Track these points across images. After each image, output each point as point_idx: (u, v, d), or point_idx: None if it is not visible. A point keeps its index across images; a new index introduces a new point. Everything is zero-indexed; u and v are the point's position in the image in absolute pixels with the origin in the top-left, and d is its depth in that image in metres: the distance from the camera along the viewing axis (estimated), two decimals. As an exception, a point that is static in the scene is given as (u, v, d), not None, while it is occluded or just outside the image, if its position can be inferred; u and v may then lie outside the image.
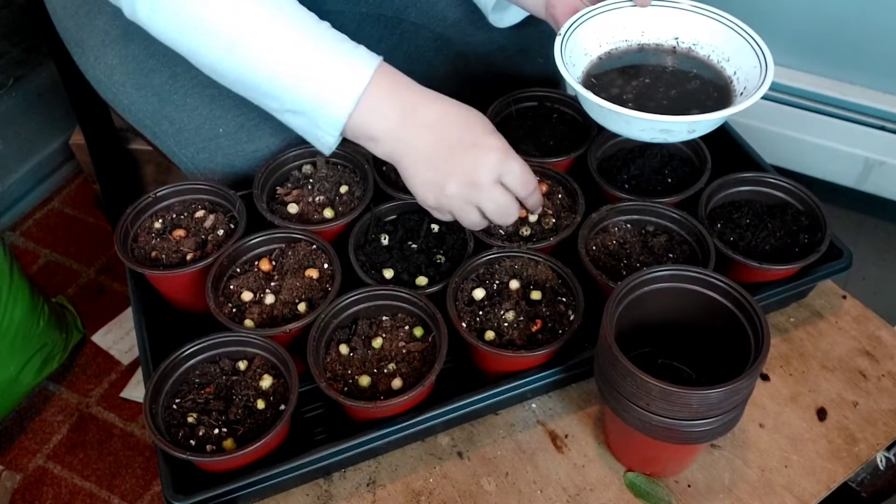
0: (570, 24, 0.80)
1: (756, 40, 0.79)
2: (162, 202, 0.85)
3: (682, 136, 0.77)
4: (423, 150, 0.71)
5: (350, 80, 0.69)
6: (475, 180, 0.71)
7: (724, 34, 0.82)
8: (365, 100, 0.70)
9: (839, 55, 1.43)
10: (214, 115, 0.87)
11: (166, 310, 0.83)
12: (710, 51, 0.83)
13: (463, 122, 0.72)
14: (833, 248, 0.81)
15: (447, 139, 0.71)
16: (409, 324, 0.75)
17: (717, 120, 0.74)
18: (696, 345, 0.71)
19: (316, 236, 0.80)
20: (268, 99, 0.73)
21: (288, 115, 0.73)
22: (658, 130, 0.75)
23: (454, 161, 0.71)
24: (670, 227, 0.82)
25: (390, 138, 0.72)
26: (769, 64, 0.77)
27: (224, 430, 0.69)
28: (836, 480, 0.72)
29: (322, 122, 0.71)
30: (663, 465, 0.72)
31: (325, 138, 0.73)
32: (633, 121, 0.74)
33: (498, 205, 0.73)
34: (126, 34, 0.88)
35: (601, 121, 0.79)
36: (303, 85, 0.70)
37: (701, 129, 0.76)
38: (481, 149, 0.71)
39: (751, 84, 0.78)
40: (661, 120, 0.73)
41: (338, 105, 0.70)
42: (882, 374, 0.79)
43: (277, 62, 0.69)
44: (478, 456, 0.74)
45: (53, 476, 1.29)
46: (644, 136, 0.77)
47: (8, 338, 1.23)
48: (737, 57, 0.81)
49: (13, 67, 1.70)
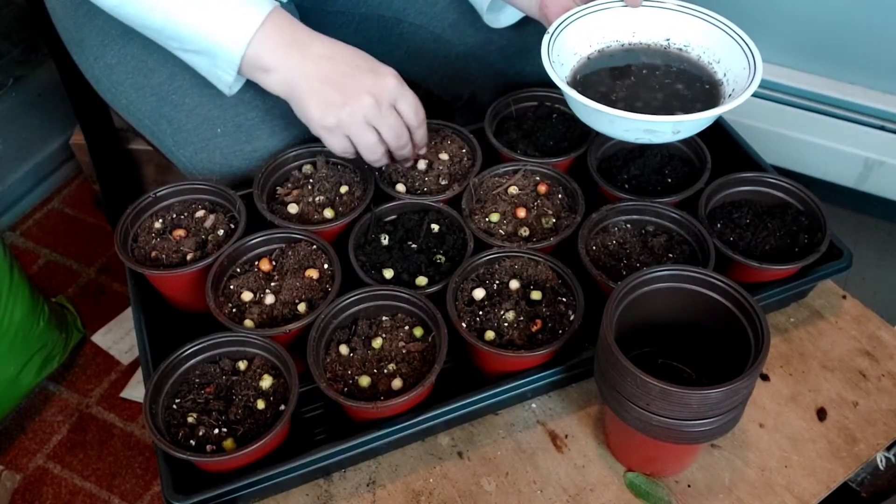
0: (558, 23, 0.80)
1: (746, 42, 0.79)
2: (162, 202, 0.85)
3: (667, 136, 0.76)
4: (322, 73, 0.76)
5: (244, 19, 0.75)
6: (377, 98, 0.76)
7: (716, 36, 0.82)
8: (260, 35, 0.75)
9: (839, 55, 1.43)
10: (213, 115, 0.87)
11: (166, 310, 0.83)
12: (700, 52, 0.83)
13: (356, 54, 0.78)
14: (833, 248, 0.81)
15: (345, 64, 0.76)
16: (409, 324, 0.75)
17: (701, 121, 0.74)
18: (696, 345, 0.71)
19: (316, 236, 0.80)
20: (170, 40, 0.78)
21: (189, 55, 0.79)
22: (642, 130, 0.75)
23: (356, 81, 0.76)
24: (670, 227, 0.82)
25: (286, 66, 0.76)
26: (758, 67, 0.77)
27: (224, 430, 0.69)
28: (836, 480, 0.72)
29: (219, 59, 0.77)
30: (663, 465, 0.72)
31: (224, 76, 0.79)
32: (616, 120, 0.74)
33: (394, 128, 0.78)
34: (125, 34, 0.88)
35: (586, 120, 0.79)
36: (201, 25, 0.75)
37: (686, 129, 0.76)
38: (379, 74, 0.77)
39: (739, 86, 0.78)
40: (644, 120, 0.73)
41: (234, 41, 0.75)
42: (882, 374, 0.79)
43: (178, 6, 0.75)
44: (478, 456, 0.74)
45: (53, 476, 1.29)
46: (628, 135, 0.77)
47: (8, 338, 1.23)
48: (727, 59, 0.81)
49: (13, 67, 1.70)
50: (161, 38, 0.79)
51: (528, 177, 0.87)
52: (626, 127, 0.75)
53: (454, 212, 0.83)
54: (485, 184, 0.87)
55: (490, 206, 0.85)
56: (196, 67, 0.81)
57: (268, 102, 0.88)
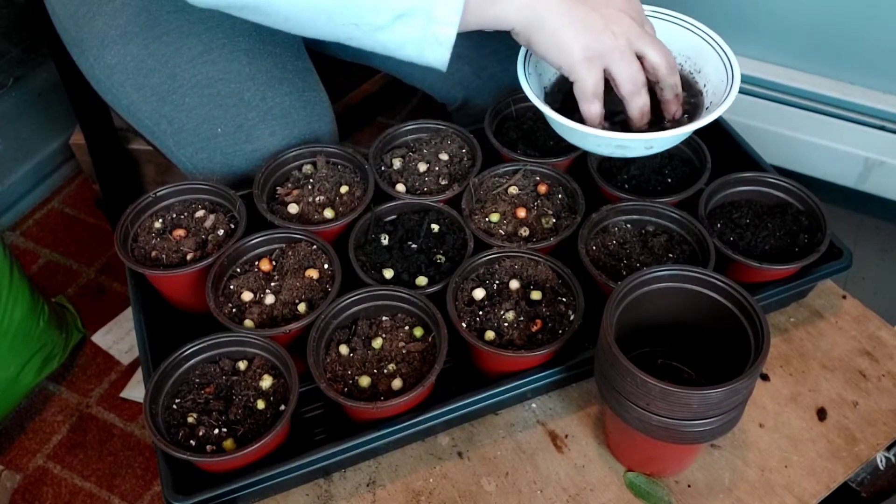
0: None
1: (727, 54, 0.79)
2: (162, 202, 0.85)
3: (639, 151, 0.77)
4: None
5: None
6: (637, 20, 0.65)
7: (697, 46, 0.82)
8: None
9: (839, 55, 1.43)
10: (213, 114, 0.87)
11: (166, 310, 0.83)
12: (682, 61, 0.83)
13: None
14: (833, 248, 0.81)
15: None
16: (409, 324, 0.75)
17: (673, 137, 0.74)
18: (696, 345, 0.71)
19: (316, 236, 0.80)
20: (372, 14, 0.65)
21: (399, 24, 0.66)
22: (614, 146, 0.75)
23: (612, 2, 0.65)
24: (670, 227, 0.82)
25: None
26: (735, 81, 0.76)
27: (224, 431, 0.69)
28: (836, 480, 0.72)
29: (439, 9, 0.64)
30: (663, 465, 0.72)
31: (444, 32, 0.65)
32: (588, 136, 0.74)
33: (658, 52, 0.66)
34: (125, 34, 0.88)
35: (560, 133, 0.79)
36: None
37: (658, 146, 0.76)
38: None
39: (717, 98, 0.78)
40: (615, 137, 0.73)
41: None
42: (882, 374, 0.79)
43: None
44: (478, 456, 0.74)
45: (53, 476, 1.29)
46: (601, 150, 0.77)
47: (8, 338, 1.23)
48: (707, 69, 0.81)
49: (13, 67, 1.70)
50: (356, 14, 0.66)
51: (528, 177, 0.87)
52: (598, 142, 0.75)
53: (454, 212, 0.83)
54: (485, 184, 0.87)
55: (490, 206, 0.85)
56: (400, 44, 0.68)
57: (268, 102, 0.88)
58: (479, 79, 1.02)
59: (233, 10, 0.70)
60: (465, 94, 1.04)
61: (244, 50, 0.88)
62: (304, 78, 0.92)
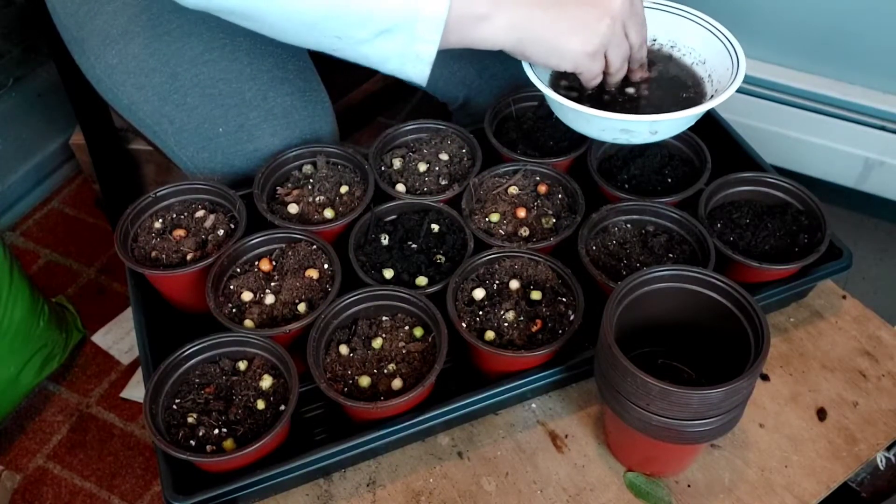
0: None
1: (732, 43, 0.79)
2: (162, 202, 0.85)
3: (644, 136, 0.76)
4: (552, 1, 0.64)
5: None
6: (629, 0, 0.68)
7: (702, 37, 0.82)
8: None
9: (839, 55, 1.43)
10: (214, 114, 0.87)
11: (166, 310, 0.83)
12: (686, 52, 0.83)
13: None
14: (833, 248, 0.81)
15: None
16: (409, 324, 0.75)
17: (679, 121, 0.74)
18: (696, 345, 0.71)
19: (316, 236, 0.80)
20: (356, 29, 0.66)
21: (380, 39, 0.66)
22: (619, 130, 0.75)
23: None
24: (670, 227, 0.82)
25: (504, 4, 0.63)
26: (741, 68, 0.77)
27: (224, 431, 0.69)
28: (836, 480, 0.72)
29: (420, 27, 0.64)
30: (663, 465, 0.72)
31: (425, 50, 0.66)
32: (593, 119, 0.74)
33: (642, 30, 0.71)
34: (126, 34, 0.88)
35: (564, 119, 0.79)
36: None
37: (663, 130, 0.76)
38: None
39: (722, 86, 0.78)
40: (620, 119, 0.73)
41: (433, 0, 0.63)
42: (882, 374, 0.79)
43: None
44: (478, 456, 0.74)
45: (53, 476, 1.29)
46: (605, 135, 0.77)
47: (8, 338, 1.23)
48: (713, 59, 0.81)
49: (13, 67, 1.70)
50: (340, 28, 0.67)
51: (528, 177, 0.87)
52: (603, 126, 0.75)
53: (454, 212, 0.83)
54: (485, 184, 0.87)
55: (490, 206, 0.85)
56: (383, 59, 0.69)
57: (270, 102, 0.88)
58: (480, 78, 1.02)
59: (222, 13, 0.71)
60: (467, 93, 1.04)
61: (245, 50, 0.88)
62: (305, 78, 0.92)
